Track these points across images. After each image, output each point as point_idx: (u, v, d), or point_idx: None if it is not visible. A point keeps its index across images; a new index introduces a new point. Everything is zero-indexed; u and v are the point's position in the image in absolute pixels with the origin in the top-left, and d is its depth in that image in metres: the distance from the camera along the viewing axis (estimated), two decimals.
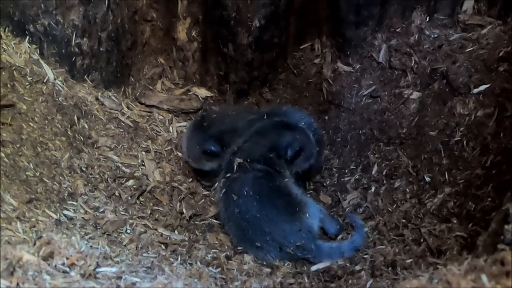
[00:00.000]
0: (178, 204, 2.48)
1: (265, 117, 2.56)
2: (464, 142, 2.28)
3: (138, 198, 2.41)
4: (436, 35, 2.69)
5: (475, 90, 2.36)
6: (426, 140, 2.45)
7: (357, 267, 2.06)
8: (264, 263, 2.17)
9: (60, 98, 2.42)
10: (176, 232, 2.31)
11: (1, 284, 1.23)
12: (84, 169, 2.34)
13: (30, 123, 2.20)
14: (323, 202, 2.60)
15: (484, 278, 1.06)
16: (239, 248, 2.23)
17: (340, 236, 2.34)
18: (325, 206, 2.55)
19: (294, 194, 2.27)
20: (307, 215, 2.21)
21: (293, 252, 2.14)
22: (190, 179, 2.65)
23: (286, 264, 2.14)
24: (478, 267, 1.15)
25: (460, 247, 1.92)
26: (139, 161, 2.58)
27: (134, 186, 2.45)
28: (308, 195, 2.54)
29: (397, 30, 2.79)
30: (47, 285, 1.30)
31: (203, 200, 2.56)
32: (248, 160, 2.29)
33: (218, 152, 2.56)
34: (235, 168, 2.27)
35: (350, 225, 2.36)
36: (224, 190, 2.27)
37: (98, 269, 1.57)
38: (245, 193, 2.21)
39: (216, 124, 2.61)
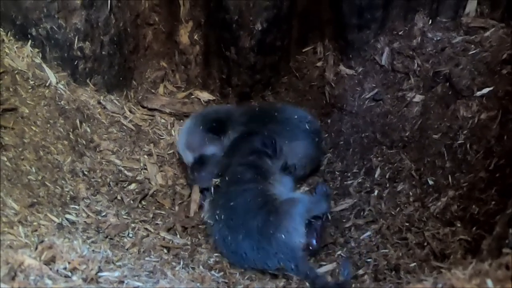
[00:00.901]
0: (180, 207, 2.48)
1: (257, 111, 2.69)
2: (468, 145, 2.26)
3: (140, 201, 2.41)
4: (438, 38, 2.68)
5: (478, 93, 2.34)
6: (429, 143, 2.44)
7: (360, 271, 2.04)
8: None
9: (62, 102, 2.42)
10: (178, 236, 2.31)
11: None
12: (86, 173, 2.34)
13: (32, 127, 2.20)
14: None
15: (489, 282, 1.05)
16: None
17: None
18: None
19: (275, 203, 2.21)
20: (284, 234, 2.12)
21: (278, 272, 2.10)
22: None
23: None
24: (483, 272, 1.14)
25: (464, 251, 1.90)
26: (142, 164, 2.58)
27: (136, 190, 2.45)
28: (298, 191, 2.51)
29: (400, 33, 2.78)
30: None
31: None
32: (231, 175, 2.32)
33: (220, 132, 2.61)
34: (212, 190, 2.31)
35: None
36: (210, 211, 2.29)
37: (100, 274, 1.57)
38: (227, 213, 2.21)
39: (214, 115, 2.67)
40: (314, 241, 2.22)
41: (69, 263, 1.49)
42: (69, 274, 1.47)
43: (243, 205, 2.19)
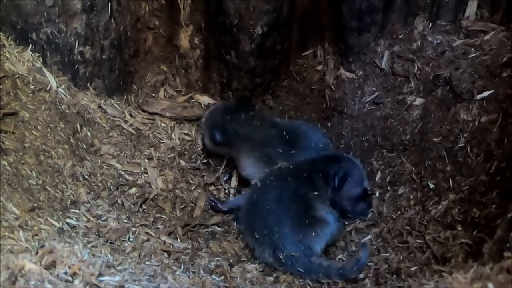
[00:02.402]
0: (181, 211, 2.48)
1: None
2: (468, 149, 2.27)
3: (141, 206, 2.40)
4: (439, 41, 2.68)
5: (479, 96, 2.35)
6: (429, 147, 2.44)
7: (361, 275, 2.04)
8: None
9: (63, 106, 2.42)
10: (179, 240, 2.31)
11: None
12: (86, 177, 2.34)
13: (33, 131, 2.20)
14: None
15: (490, 286, 1.05)
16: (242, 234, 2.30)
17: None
18: None
19: (317, 210, 2.27)
20: (315, 233, 2.18)
21: (284, 260, 2.12)
22: (193, 187, 2.64)
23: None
24: (484, 275, 1.14)
25: (465, 255, 1.90)
26: (142, 168, 2.58)
27: (137, 194, 2.45)
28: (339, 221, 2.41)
29: (400, 36, 2.78)
30: None
31: (206, 207, 2.56)
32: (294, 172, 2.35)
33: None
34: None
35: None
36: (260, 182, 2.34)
37: (100, 278, 1.56)
38: (274, 188, 2.26)
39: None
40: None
41: (69, 267, 1.48)
42: (70, 278, 1.46)
43: (294, 191, 2.27)
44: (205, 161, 2.84)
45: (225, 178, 2.78)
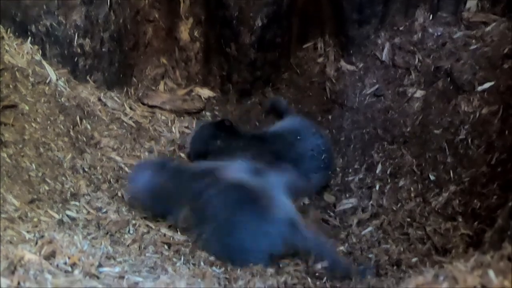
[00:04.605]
0: None
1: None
2: (469, 140, 2.26)
3: None
4: (439, 33, 2.68)
5: (480, 88, 2.33)
6: (430, 139, 2.43)
7: (362, 266, 2.04)
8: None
9: (62, 99, 2.42)
10: (179, 232, 2.29)
11: (2, 283, 1.22)
12: (86, 169, 2.33)
13: (33, 124, 2.20)
14: (327, 202, 2.58)
15: (491, 273, 1.05)
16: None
17: None
18: (329, 205, 2.55)
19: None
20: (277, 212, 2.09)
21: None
22: None
23: (290, 263, 2.12)
24: (485, 263, 1.13)
25: (466, 246, 1.90)
26: None
27: None
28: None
29: (401, 28, 2.78)
30: (49, 284, 1.29)
31: None
32: None
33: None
34: None
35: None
36: None
37: (100, 269, 1.56)
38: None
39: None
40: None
41: (69, 258, 1.48)
42: (69, 269, 1.46)
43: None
44: None
45: None
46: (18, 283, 1.25)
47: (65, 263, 1.46)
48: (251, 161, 2.34)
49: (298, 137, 2.60)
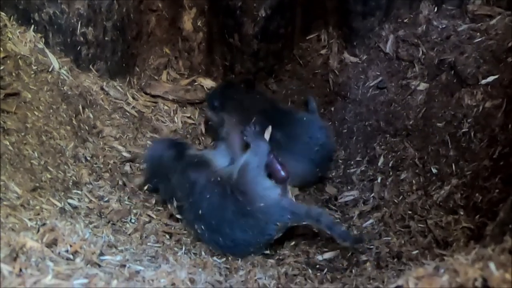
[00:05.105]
0: None
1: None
2: (472, 134, 2.25)
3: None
4: (444, 26, 2.66)
5: (483, 81, 2.33)
6: (433, 132, 2.42)
7: (363, 258, 2.04)
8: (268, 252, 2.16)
9: (65, 88, 2.41)
10: (180, 222, 2.30)
11: (4, 269, 1.22)
12: (89, 158, 2.34)
13: (35, 112, 2.20)
14: (329, 194, 2.59)
15: (492, 266, 1.05)
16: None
17: None
18: (331, 198, 2.55)
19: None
20: (261, 202, 2.08)
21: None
22: None
23: (290, 254, 2.13)
24: (486, 256, 1.14)
25: (467, 239, 1.90)
26: (144, 151, 2.57)
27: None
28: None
29: (405, 20, 2.76)
30: (50, 271, 1.30)
31: None
32: None
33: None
34: None
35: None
36: None
37: (102, 257, 1.57)
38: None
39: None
40: (282, 174, 2.19)
41: (70, 246, 1.49)
42: (71, 256, 1.47)
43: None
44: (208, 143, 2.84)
45: None
46: (20, 270, 1.26)
47: (67, 251, 1.47)
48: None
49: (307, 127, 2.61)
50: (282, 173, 2.19)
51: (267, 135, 2.33)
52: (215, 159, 2.32)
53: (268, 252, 2.17)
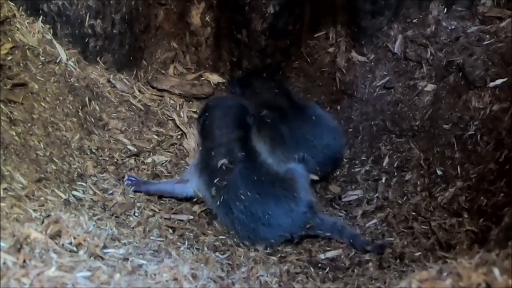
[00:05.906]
0: None
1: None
2: (478, 136, 2.24)
3: None
4: (453, 27, 2.64)
5: (491, 84, 2.31)
6: (439, 133, 2.42)
7: (365, 258, 2.04)
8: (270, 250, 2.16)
9: (72, 79, 2.42)
10: (184, 217, 2.31)
11: (8, 260, 1.23)
12: (94, 150, 2.34)
13: (42, 103, 2.20)
14: (333, 193, 2.59)
15: (496, 271, 1.04)
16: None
17: None
18: (335, 196, 2.55)
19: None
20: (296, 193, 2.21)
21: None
22: None
23: (293, 252, 2.13)
24: (490, 261, 1.13)
25: (470, 242, 1.89)
26: (150, 145, 2.58)
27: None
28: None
29: (414, 20, 2.75)
30: (54, 263, 1.30)
31: None
32: None
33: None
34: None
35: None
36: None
37: (105, 250, 1.57)
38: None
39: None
40: None
41: (74, 238, 1.49)
42: (75, 249, 1.47)
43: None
44: None
45: None
46: (24, 261, 1.27)
47: (71, 243, 1.47)
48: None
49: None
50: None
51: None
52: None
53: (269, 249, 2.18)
